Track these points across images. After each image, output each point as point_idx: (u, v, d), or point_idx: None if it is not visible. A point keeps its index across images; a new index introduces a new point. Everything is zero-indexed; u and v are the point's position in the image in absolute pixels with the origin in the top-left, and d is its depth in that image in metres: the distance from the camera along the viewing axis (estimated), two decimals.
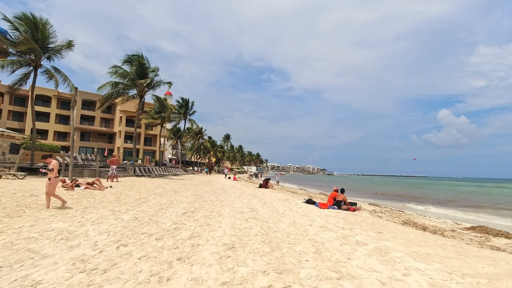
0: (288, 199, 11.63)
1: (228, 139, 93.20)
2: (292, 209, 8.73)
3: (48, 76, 15.82)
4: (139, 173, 20.95)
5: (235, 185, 20.87)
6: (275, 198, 12.02)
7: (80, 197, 8.42)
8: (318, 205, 9.47)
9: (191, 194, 11.67)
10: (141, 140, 47.78)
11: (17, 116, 44.62)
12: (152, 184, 15.38)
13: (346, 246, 4.51)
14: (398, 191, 32.94)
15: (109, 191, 10.26)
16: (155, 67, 21.82)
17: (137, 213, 6.72)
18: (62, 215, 5.91)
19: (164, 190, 12.77)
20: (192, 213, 7.15)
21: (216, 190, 15.02)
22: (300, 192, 19.22)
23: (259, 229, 5.59)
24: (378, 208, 10.87)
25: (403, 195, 26.04)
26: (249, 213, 7.64)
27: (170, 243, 4.41)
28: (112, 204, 7.79)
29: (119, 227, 5.33)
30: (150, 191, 11.79)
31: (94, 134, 46.97)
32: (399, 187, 46.70)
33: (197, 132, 57.13)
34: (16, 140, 16.94)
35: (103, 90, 19.91)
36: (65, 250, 3.93)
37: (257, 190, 16.17)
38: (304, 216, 7.37)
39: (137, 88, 21.57)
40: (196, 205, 8.59)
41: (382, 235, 5.44)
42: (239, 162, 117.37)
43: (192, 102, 42.17)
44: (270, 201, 10.79)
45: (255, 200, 10.76)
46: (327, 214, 7.88)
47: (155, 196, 10.19)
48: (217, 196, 11.80)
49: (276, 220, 6.69)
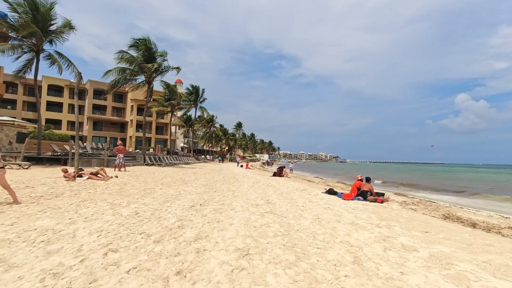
0: (306, 189, 10.69)
1: (240, 127, 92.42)
2: (313, 200, 7.80)
3: (51, 61, 15.19)
4: (149, 162, 20.46)
5: (247, 174, 20.10)
6: (291, 187, 11.10)
7: (80, 188, 7.76)
8: (341, 196, 8.48)
9: (201, 184, 10.92)
10: (153, 129, 47.60)
11: (32, 106, 45.13)
12: (161, 173, 14.76)
13: (391, 252, 3.55)
14: (419, 179, 31.43)
15: (113, 182, 9.60)
16: (163, 51, 20.91)
17: (139, 207, 5.96)
18: (52, 210, 5.20)
19: (173, 179, 12.07)
20: (200, 206, 6.34)
21: (227, 179, 14.25)
22: (316, 180, 18.23)
23: (278, 227, 4.70)
24: (408, 199, 9.77)
25: (426, 184, 24.64)
26: (264, 206, 6.76)
27: (170, 247, 3.58)
28: (114, 196, 7.07)
29: (115, 224, 4.56)
30: (157, 181, 11.10)
31: (106, 123, 47.07)
32: (419, 174, 44.90)
33: (208, 120, 56.57)
34: (24, 129, 16.63)
35: (109, 77, 19.25)
36: (40, 257, 3.15)
37: (272, 179, 15.31)
38: (328, 210, 6.42)
39: (145, 74, 20.79)
40: (206, 197, 7.79)
41: (431, 235, 4.44)
42: (251, 150, 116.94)
43: (202, 89, 41.31)
44: (286, 191, 9.88)
45: (270, 190, 9.88)
46: (354, 207, 6.90)
47: (162, 186, 9.47)
48: (229, 186, 11.00)
49: (297, 215, 5.78)
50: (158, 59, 20.77)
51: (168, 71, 21.84)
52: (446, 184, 24.79)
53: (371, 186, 8.22)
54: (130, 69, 20.16)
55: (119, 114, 48.70)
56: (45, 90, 44.55)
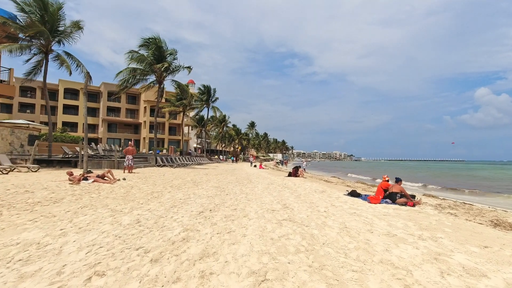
0: (326, 191, 9.85)
1: (253, 127, 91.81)
2: (335, 204, 6.98)
3: (60, 62, 15.00)
4: (160, 163, 20.09)
5: (261, 174, 19.38)
6: (309, 189, 10.29)
7: (83, 192, 7.26)
8: (366, 199, 7.61)
9: (212, 186, 10.28)
10: (166, 130, 47.70)
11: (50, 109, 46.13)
12: (172, 175, 14.26)
13: (452, 279, 2.73)
14: (444, 178, 29.77)
15: (120, 185, 9.11)
16: (172, 50, 20.47)
17: (142, 214, 5.36)
18: (45, 219, 4.66)
19: (183, 181, 11.51)
20: (210, 213, 5.67)
21: (241, 180, 13.58)
22: (334, 181, 17.27)
23: (300, 240, 3.95)
24: (442, 201, 8.74)
25: (453, 183, 23.16)
26: (281, 211, 6.02)
27: (169, 269, 2.90)
28: (117, 201, 6.52)
29: (111, 236, 3.95)
30: (167, 183, 10.56)
31: (121, 125, 47.56)
32: (441, 173, 42.82)
33: (221, 120, 56.25)
34: (35, 132, 16.60)
35: (120, 78, 19.02)
36: (9, 284, 2.56)
37: (287, 180, 14.52)
38: (355, 216, 5.60)
39: (155, 73, 20.46)
40: (217, 201, 7.13)
41: (493, 252, 3.58)
42: (265, 150, 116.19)
43: (214, 89, 40.90)
44: (304, 193, 9.09)
45: (287, 193, 9.11)
46: (385, 213, 6.04)
47: (171, 189, 8.89)
48: (242, 187, 10.31)
49: (320, 222, 5.00)
50: (168, 58, 20.39)
51: (179, 71, 21.45)
52: (475, 183, 23.20)
53: (402, 188, 7.30)
54: (141, 69, 19.86)
55: (133, 116, 49.12)
56: (62, 93, 45.46)
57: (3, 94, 13.63)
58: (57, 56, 14.98)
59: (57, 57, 14.97)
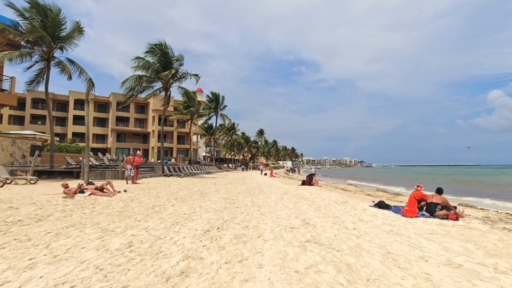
0: (347, 201, 8.80)
1: (262, 134, 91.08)
2: (364, 219, 5.95)
3: (61, 69, 14.57)
4: (167, 173, 19.33)
5: (273, 183, 18.37)
6: (328, 199, 9.25)
7: (76, 207, 6.46)
8: (400, 212, 6.54)
9: (221, 198, 9.37)
10: (174, 139, 47.34)
11: (59, 121, 46.58)
12: (178, 185, 13.42)
13: None
14: (468, 184, 28.04)
15: (119, 198, 8.29)
16: (179, 55, 19.94)
17: (137, 234, 4.49)
18: (16, 244, 3.82)
19: (190, 192, 10.64)
20: (217, 232, 4.76)
21: (251, 190, 12.63)
22: (352, 189, 16.08)
23: (335, 274, 2.98)
24: (486, 213, 7.56)
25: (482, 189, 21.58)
26: (302, 228, 5.05)
27: None
28: (111, 217, 5.67)
29: (91, 269, 3.07)
30: (171, 194, 9.70)
31: (129, 134, 47.49)
32: (463, 178, 40.73)
33: (229, 128, 55.69)
34: (38, 142, 16.17)
35: (126, 85, 18.56)
36: None
37: (301, 189, 13.47)
38: (394, 235, 4.58)
39: (162, 80, 19.93)
40: (226, 215, 6.22)
41: None
42: (274, 157, 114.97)
43: (222, 96, 40.40)
44: (324, 205, 8.06)
45: (304, 204, 8.11)
46: (429, 230, 4.99)
47: (175, 202, 8.01)
48: (253, 198, 9.36)
49: (353, 245, 4.01)
50: (174, 64, 19.85)
51: (186, 78, 20.87)
52: (506, 189, 21.56)
53: (445, 199, 6.20)
54: (147, 76, 19.36)
55: (141, 125, 49.05)
56: (72, 104, 45.85)
57: (3, 103, 13.23)
58: (59, 63, 14.54)
59: (58, 64, 14.54)
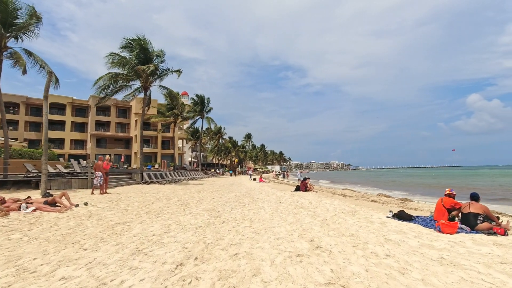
0: (356, 211, 7.39)
1: (250, 138, 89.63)
2: (391, 237, 4.53)
3: (14, 61, 12.59)
4: (147, 180, 17.42)
5: (264, 189, 16.86)
6: (332, 209, 7.82)
7: (6, 229, 4.75)
8: (433, 226, 5.15)
9: (204, 209, 7.78)
10: (158, 144, 45.14)
11: (34, 126, 43.52)
12: (156, 194, 11.70)
13: None
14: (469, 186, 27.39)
15: (74, 213, 6.56)
16: (159, 51, 18.18)
17: (69, 277, 2.91)
18: None
19: (168, 203, 8.98)
20: (195, 266, 3.23)
21: (241, 198, 11.07)
22: (351, 194, 14.72)
23: None
24: None
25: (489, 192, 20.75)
26: (314, 257, 3.57)
27: None
28: (45, 246, 4.02)
29: None
30: (144, 207, 8.01)
31: (110, 140, 44.91)
32: (455, 180, 40.53)
33: (216, 132, 53.95)
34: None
35: (99, 84, 16.64)
36: None
37: (297, 195, 12.02)
38: (453, 268, 3.18)
39: (141, 79, 18.13)
40: (208, 235, 4.68)
41: None
42: (262, 162, 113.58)
43: (207, 98, 38.76)
44: (330, 216, 6.62)
45: (306, 216, 6.65)
46: (490, 253, 3.63)
47: (146, 217, 6.37)
48: (244, 209, 7.82)
49: None
50: (155, 61, 18.09)
51: (168, 75, 19.16)
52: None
53: (486, 208, 4.88)
54: (124, 74, 17.48)
55: (123, 130, 46.55)
56: (47, 108, 42.89)
57: None
58: (12, 54, 12.54)
59: (11, 55, 12.53)
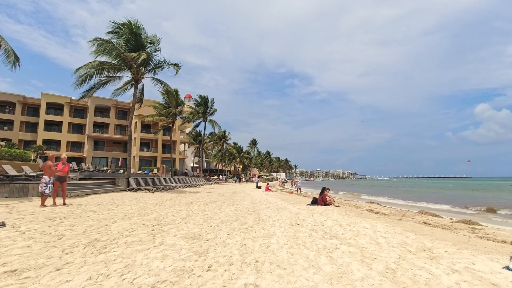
0: (434, 251, 4.64)
1: (255, 145, 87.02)
2: None
3: None
4: (134, 187, 14.79)
5: (271, 200, 14.11)
6: (385, 242, 5.07)
7: None
8: None
9: (186, 235, 5.12)
10: (159, 147, 42.82)
11: (30, 127, 41.64)
12: (131, 207, 9.05)
13: None
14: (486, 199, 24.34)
15: None
16: (153, 36, 15.77)
17: None
18: None
19: (137, 223, 6.32)
20: None
21: (242, 215, 8.37)
22: (383, 210, 11.84)
23: None
24: None
25: None
26: None
27: None
28: None
29: None
30: (94, 230, 5.37)
31: (109, 142, 42.71)
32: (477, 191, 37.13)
33: (220, 137, 51.49)
34: None
35: (79, 73, 14.17)
36: None
37: (317, 213, 9.26)
38: None
39: (131, 70, 15.73)
40: None
41: None
42: (267, 169, 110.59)
43: (211, 99, 36.40)
44: (393, 261, 3.90)
45: (351, 259, 3.95)
46: None
47: (78, 255, 3.74)
48: (245, 236, 5.14)
49: None
50: (148, 49, 15.65)
51: (163, 67, 16.73)
52: None
53: None
54: (111, 62, 15.04)
55: (123, 132, 44.36)
56: (44, 109, 41.05)
57: None
58: None
59: None
